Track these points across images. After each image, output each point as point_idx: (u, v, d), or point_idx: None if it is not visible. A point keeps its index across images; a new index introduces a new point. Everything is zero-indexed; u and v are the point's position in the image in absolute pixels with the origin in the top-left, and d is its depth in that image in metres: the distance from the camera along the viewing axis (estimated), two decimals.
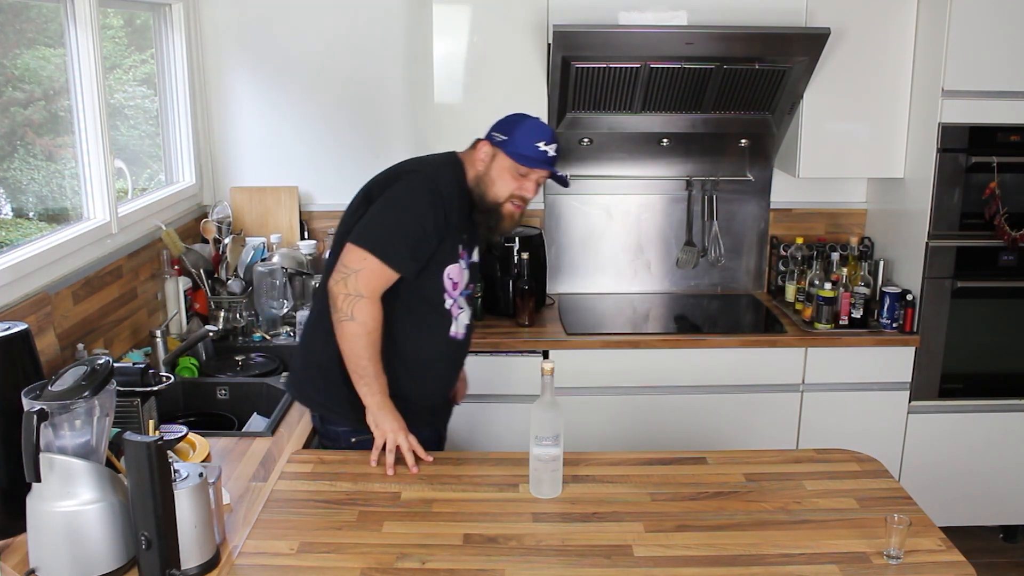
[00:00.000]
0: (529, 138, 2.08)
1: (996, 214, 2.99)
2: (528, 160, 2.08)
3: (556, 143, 2.10)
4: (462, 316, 2.19)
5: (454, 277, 2.14)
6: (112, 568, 1.53)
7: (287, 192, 3.44)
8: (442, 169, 2.14)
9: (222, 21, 3.33)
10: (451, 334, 2.18)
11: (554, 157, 2.10)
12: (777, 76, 3.04)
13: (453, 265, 2.13)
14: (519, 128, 2.10)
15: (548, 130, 2.12)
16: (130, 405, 1.95)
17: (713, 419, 3.11)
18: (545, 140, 2.09)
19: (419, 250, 2.05)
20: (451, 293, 2.15)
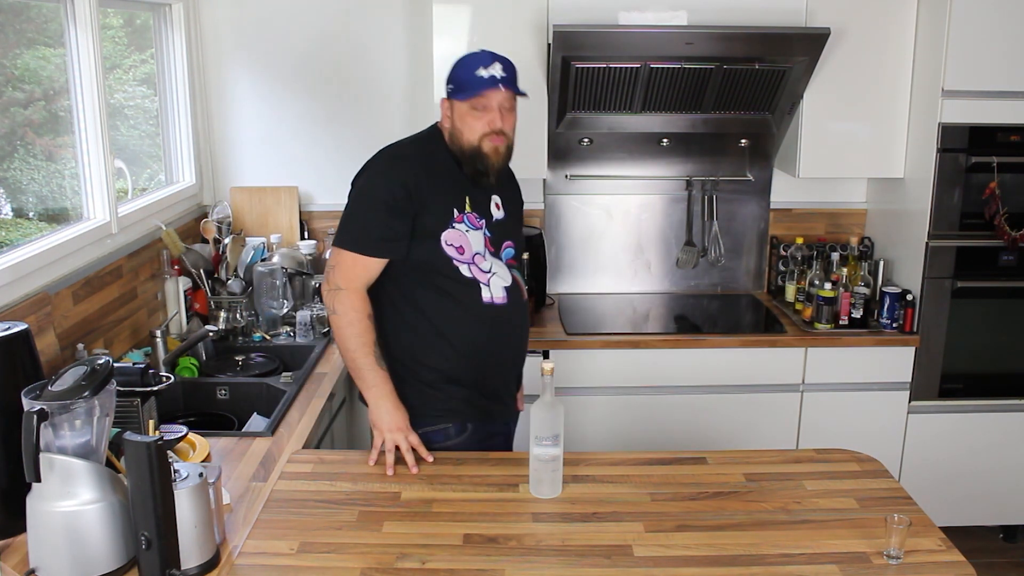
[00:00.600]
0: (466, 71, 2.02)
1: (996, 214, 2.99)
2: (472, 89, 2.00)
3: (500, 61, 2.01)
4: (496, 280, 2.10)
5: (454, 242, 2.06)
6: (112, 568, 1.53)
7: (287, 192, 3.44)
8: (408, 141, 2.16)
9: (222, 21, 3.33)
10: (485, 300, 2.09)
11: (502, 77, 2.00)
12: (777, 76, 3.04)
13: (448, 231, 2.06)
14: (455, 68, 2.06)
15: (485, 54, 2.03)
16: (130, 405, 1.95)
17: (713, 419, 3.11)
18: (483, 64, 2.01)
19: (388, 228, 2.02)
20: (461, 259, 2.07)
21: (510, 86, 2.02)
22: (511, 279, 2.15)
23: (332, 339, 2.93)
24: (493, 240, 2.13)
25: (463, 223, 2.08)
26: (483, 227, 2.11)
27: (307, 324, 2.97)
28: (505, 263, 2.15)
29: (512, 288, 2.15)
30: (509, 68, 2.02)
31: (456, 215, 2.07)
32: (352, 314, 2.03)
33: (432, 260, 2.06)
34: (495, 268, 2.12)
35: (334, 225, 3.47)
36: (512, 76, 2.03)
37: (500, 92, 2.00)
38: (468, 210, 2.09)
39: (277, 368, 2.78)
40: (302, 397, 2.47)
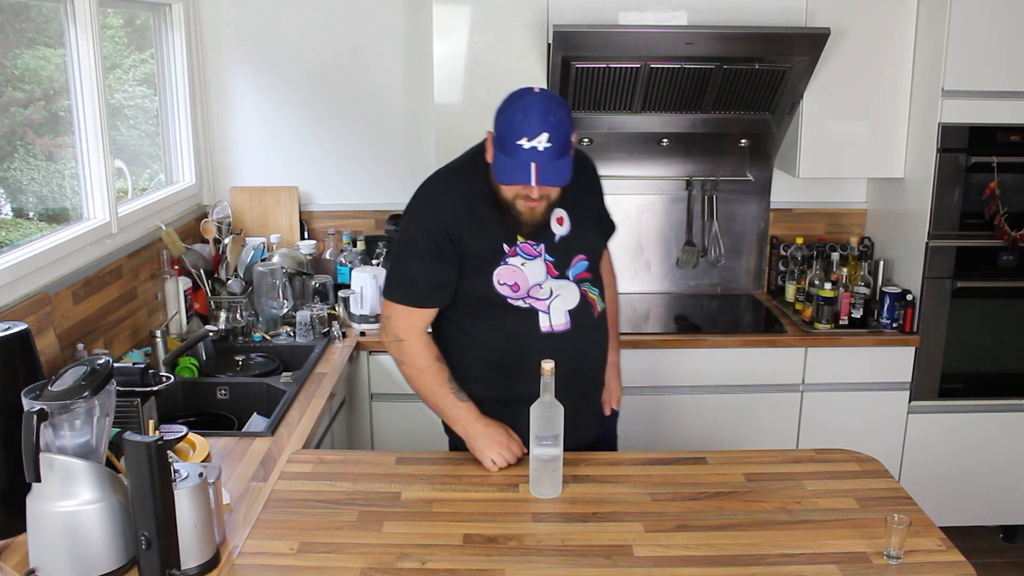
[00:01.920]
0: (511, 130, 1.77)
1: (996, 214, 2.99)
2: (504, 172, 1.79)
3: (549, 130, 1.74)
4: (557, 305, 1.95)
5: (507, 280, 1.92)
6: (112, 568, 1.53)
7: (287, 192, 3.44)
8: (452, 173, 1.99)
9: (222, 21, 3.33)
10: (543, 330, 1.95)
11: (541, 158, 1.74)
12: (777, 76, 3.04)
13: (501, 268, 1.92)
14: (503, 111, 1.81)
15: (535, 116, 1.75)
16: (130, 405, 1.94)
17: (713, 419, 3.10)
18: (529, 133, 1.74)
19: (436, 277, 1.93)
20: (515, 296, 1.93)
21: (550, 178, 1.78)
22: (578, 299, 1.98)
23: (332, 339, 2.93)
24: (557, 263, 1.96)
25: (516, 256, 1.93)
26: (542, 254, 1.95)
27: (307, 324, 2.97)
28: (574, 279, 1.98)
29: (577, 310, 1.98)
30: (557, 134, 1.75)
31: (507, 250, 1.93)
32: (420, 362, 1.97)
33: (486, 298, 1.94)
34: (558, 291, 1.96)
35: (334, 225, 3.49)
36: (556, 151, 1.76)
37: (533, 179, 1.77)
38: (521, 241, 1.93)
39: (277, 368, 2.78)
40: (302, 397, 2.47)
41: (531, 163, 1.76)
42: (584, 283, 2.01)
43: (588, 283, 2.02)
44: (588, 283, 2.02)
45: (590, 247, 2.04)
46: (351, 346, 2.93)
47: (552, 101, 1.80)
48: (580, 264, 2.00)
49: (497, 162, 1.81)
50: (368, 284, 3.04)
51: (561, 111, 1.79)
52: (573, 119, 1.84)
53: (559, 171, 1.80)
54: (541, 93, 1.82)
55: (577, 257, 2.00)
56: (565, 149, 1.79)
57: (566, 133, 1.79)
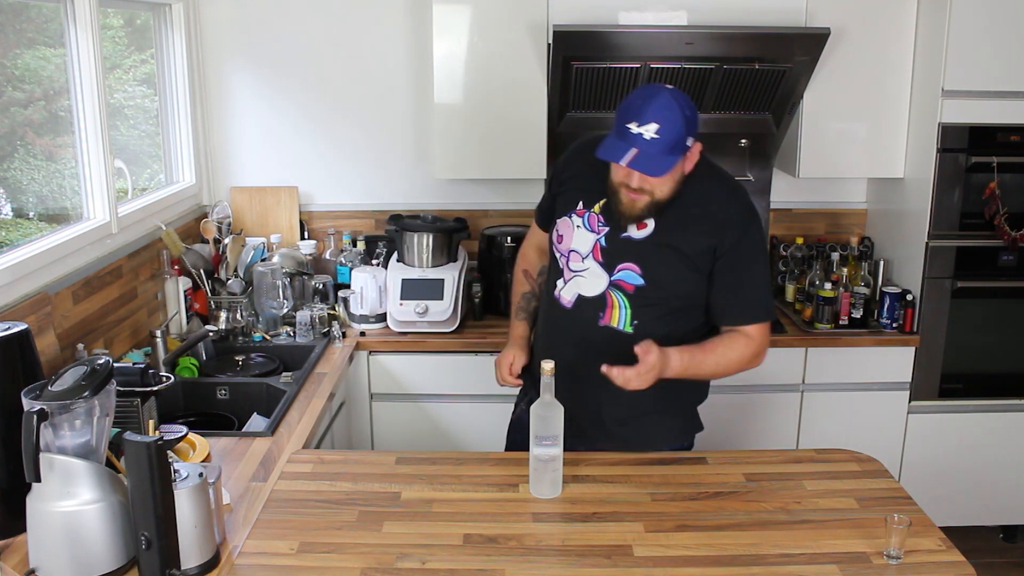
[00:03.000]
0: (624, 113, 1.81)
1: (996, 214, 2.99)
2: (607, 148, 1.81)
3: (660, 122, 1.75)
4: (577, 283, 1.99)
5: (560, 230, 2.04)
6: (112, 568, 1.53)
7: (287, 192, 3.44)
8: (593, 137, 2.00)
9: (222, 21, 3.33)
10: (554, 294, 2.06)
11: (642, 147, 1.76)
12: (777, 76, 3.04)
13: (563, 218, 2.04)
14: (622, 102, 1.85)
15: (652, 104, 1.77)
16: (130, 405, 1.95)
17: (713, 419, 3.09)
18: (639, 119, 1.77)
19: (544, 201, 2.20)
20: (559, 247, 2.05)
21: (644, 165, 1.78)
22: (598, 292, 1.97)
23: (332, 339, 2.93)
24: (607, 251, 1.96)
25: (581, 217, 2.00)
26: (601, 234, 1.97)
27: (307, 324, 2.97)
28: (613, 280, 1.96)
29: (589, 302, 1.98)
30: (668, 127, 1.76)
31: (579, 208, 2.01)
32: (516, 270, 2.32)
33: (549, 239, 2.14)
34: (589, 275, 1.98)
35: (334, 225, 3.49)
36: (663, 144, 1.77)
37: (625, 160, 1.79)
38: (596, 210, 1.98)
39: (277, 368, 2.78)
40: (302, 397, 2.47)
41: (632, 147, 1.77)
42: (617, 289, 1.96)
43: (624, 293, 1.96)
44: (624, 293, 1.96)
45: (653, 273, 1.94)
46: (351, 346, 2.93)
47: (677, 100, 1.79)
48: (626, 273, 1.95)
49: (604, 140, 1.84)
50: (368, 284, 3.04)
51: (682, 110, 1.78)
52: (698, 126, 1.83)
53: (657, 163, 1.79)
54: (672, 90, 1.82)
55: (627, 265, 1.95)
56: (673, 148, 1.79)
57: (679, 132, 1.77)
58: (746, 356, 1.99)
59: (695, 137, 1.84)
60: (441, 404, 3.04)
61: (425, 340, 2.99)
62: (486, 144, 3.12)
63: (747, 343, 1.98)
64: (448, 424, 3.06)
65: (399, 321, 3.01)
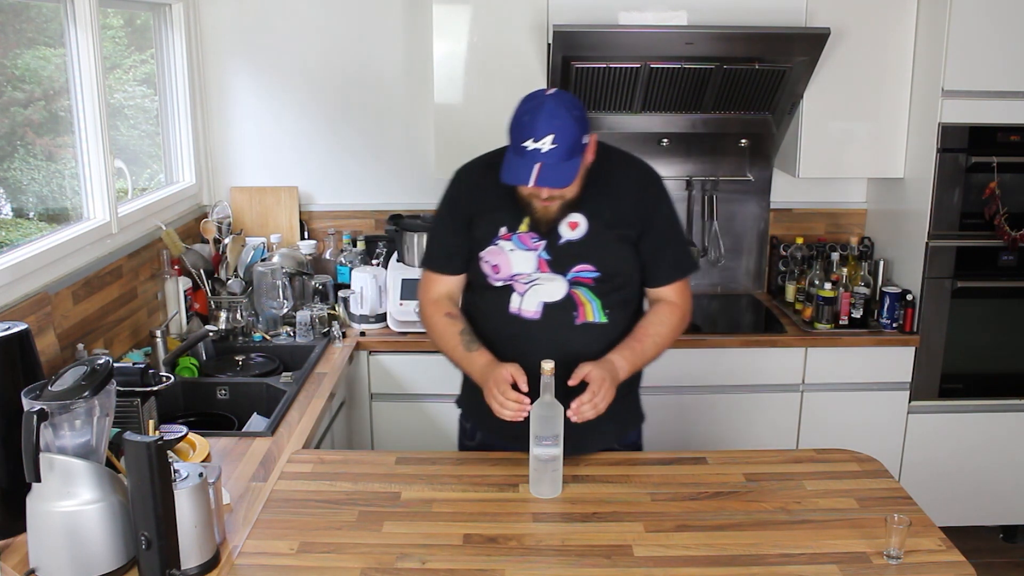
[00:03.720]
0: (516, 131, 1.80)
1: (996, 214, 2.99)
2: (507, 169, 1.80)
3: (556, 131, 1.75)
4: (536, 291, 1.94)
5: (491, 260, 1.96)
6: (112, 568, 1.53)
7: (287, 192, 3.44)
8: (490, 153, 2.02)
9: (222, 21, 3.33)
10: (511, 310, 1.96)
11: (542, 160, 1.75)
12: (777, 76, 3.04)
13: (489, 248, 1.96)
14: (517, 110, 1.82)
15: (544, 116, 1.76)
16: (130, 405, 1.95)
17: (713, 419, 3.11)
18: (535, 134, 1.75)
19: (448, 245, 2.03)
20: (496, 278, 1.96)
21: (551, 179, 1.78)
22: (561, 295, 1.94)
23: (332, 339, 2.93)
24: (554, 263, 1.94)
25: (510, 241, 1.95)
26: (539, 249, 1.93)
27: (307, 324, 2.97)
28: (569, 278, 1.94)
29: (556, 306, 1.94)
30: (563, 135, 1.76)
31: (503, 232, 1.95)
32: (427, 322, 2.06)
33: (475, 274, 2.01)
34: (546, 281, 1.94)
35: (334, 225, 3.49)
36: (562, 152, 1.76)
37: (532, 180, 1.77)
38: (523, 229, 1.94)
39: (277, 368, 2.78)
40: (302, 397, 2.47)
41: (535, 164, 1.77)
42: (579, 286, 1.95)
43: (586, 288, 1.95)
44: (586, 288, 1.95)
45: (603, 261, 1.95)
46: (351, 346, 2.93)
47: (562, 104, 1.79)
48: (584, 272, 1.95)
49: (505, 162, 1.82)
50: (368, 284, 3.04)
51: (570, 114, 1.78)
52: (588, 122, 1.84)
53: (562, 173, 1.79)
54: (554, 95, 1.81)
55: (582, 266, 1.94)
56: (572, 152, 1.79)
57: (574, 136, 1.78)
58: (676, 323, 2.03)
59: (588, 132, 1.84)
60: (441, 404, 3.04)
61: (425, 340, 2.96)
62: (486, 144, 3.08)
63: (672, 310, 2.02)
64: (448, 424, 3.04)
65: (399, 321, 3.01)
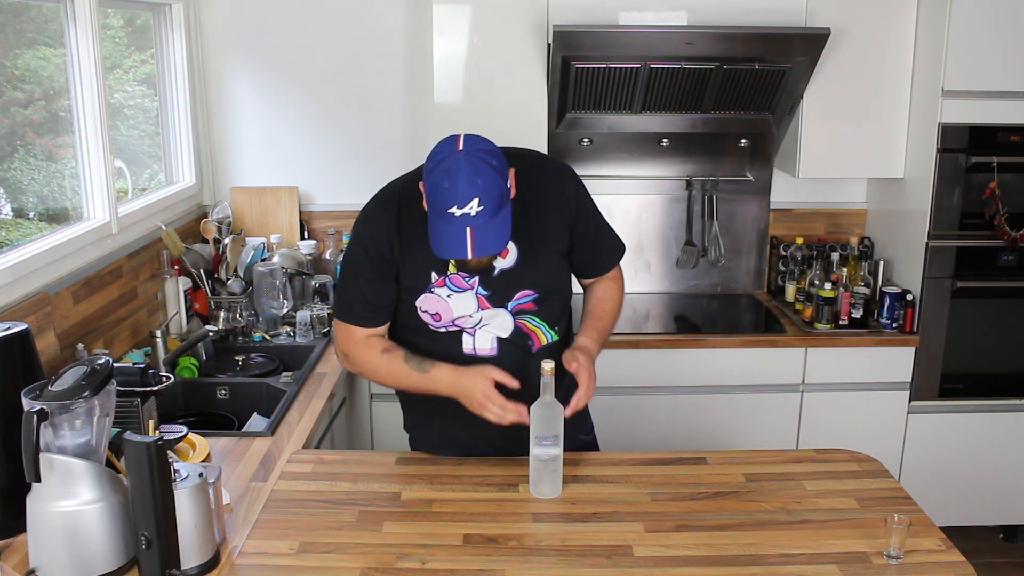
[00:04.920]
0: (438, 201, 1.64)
1: (996, 214, 2.99)
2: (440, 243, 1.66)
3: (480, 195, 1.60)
4: (485, 332, 1.88)
5: (429, 309, 1.85)
6: (112, 568, 1.53)
7: (287, 192, 3.44)
8: (400, 187, 1.89)
9: (222, 21, 3.33)
10: (466, 351, 1.89)
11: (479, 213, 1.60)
12: (777, 76, 3.04)
13: (424, 296, 1.85)
14: (427, 182, 1.67)
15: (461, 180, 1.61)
16: (130, 405, 1.95)
17: (713, 419, 3.10)
18: (458, 203, 1.61)
19: (370, 296, 1.87)
20: (437, 325, 1.87)
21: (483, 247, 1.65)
22: (510, 329, 1.88)
23: (332, 339, 2.93)
24: (493, 297, 1.86)
25: (444, 287, 1.84)
26: (474, 287, 1.85)
27: (307, 324, 2.97)
28: (512, 310, 1.88)
29: (509, 340, 1.89)
30: (488, 196, 1.62)
31: (435, 279, 1.84)
32: (372, 365, 1.92)
33: (411, 319, 1.90)
34: (487, 320, 1.87)
35: (334, 225, 3.49)
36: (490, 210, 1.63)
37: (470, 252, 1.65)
38: (452, 271, 1.84)
39: (277, 368, 2.78)
40: (302, 397, 2.47)
41: (466, 228, 1.63)
42: (523, 315, 1.89)
43: (530, 315, 1.90)
44: (530, 315, 1.90)
45: (540, 281, 1.89)
46: None
47: (478, 158, 1.64)
48: (523, 299, 1.88)
49: (432, 228, 1.68)
50: None
51: (488, 167, 1.64)
52: (506, 162, 1.70)
53: (497, 233, 1.67)
54: (465, 148, 1.65)
55: (521, 292, 1.87)
56: (500, 204, 1.66)
57: (499, 189, 1.65)
58: (621, 295, 2.07)
59: (507, 174, 1.71)
60: None
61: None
62: None
63: (614, 284, 2.07)
64: None
65: None
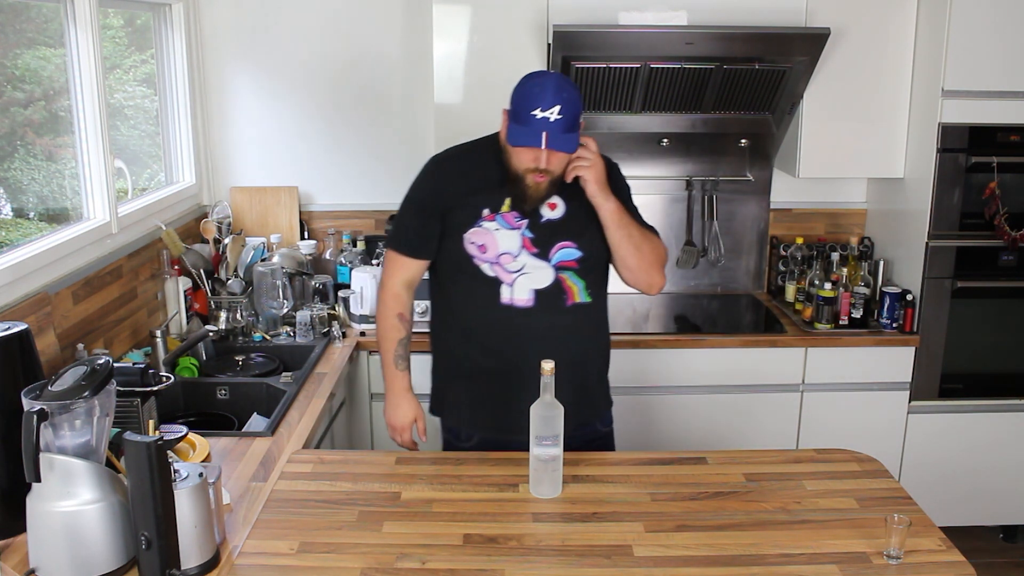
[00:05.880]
0: (524, 103, 1.91)
1: (996, 214, 2.99)
2: (519, 137, 1.91)
3: (562, 103, 1.87)
4: (523, 281, 2.04)
5: (477, 240, 2.04)
6: (112, 568, 1.53)
7: (287, 192, 3.44)
8: (459, 146, 2.19)
9: (222, 21, 3.33)
10: (503, 301, 2.05)
11: (552, 127, 1.88)
12: (777, 76, 3.04)
13: (473, 229, 2.04)
14: (519, 88, 1.96)
15: (549, 89, 1.89)
16: (130, 405, 1.95)
17: (713, 419, 3.10)
18: (542, 104, 1.88)
19: (419, 228, 2.11)
20: (482, 258, 2.04)
21: (559, 144, 1.91)
22: (550, 282, 2.06)
23: (332, 339, 2.93)
24: (537, 240, 2.05)
25: (494, 222, 2.05)
26: (522, 227, 2.05)
27: (307, 324, 2.97)
28: (555, 266, 2.06)
29: (547, 292, 2.05)
30: (568, 109, 1.89)
31: (486, 214, 2.05)
32: (382, 310, 2.18)
33: (455, 257, 2.08)
34: (529, 269, 2.05)
35: (334, 225, 3.49)
36: (566, 123, 1.90)
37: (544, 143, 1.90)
38: (505, 210, 2.05)
39: (277, 368, 2.78)
40: (302, 397, 2.47)
41: (543, 131, 1.89)
42: (565, 271, 2.07)
43: (571, 272, 2.07)
44: (571, 272, 2.07)
45: (581, 238, 2.07)
46: (351, 346, 2.93)
47: (566, 81, 1.95)
48: (566, 251, 2.06)
49: (511, 130, 1.94)
50: (368, 284, 3.04)
51: (573, 91, 1.93)
52: (582, 102, 1.96)
53: (568, 140, 1.92)
54: (556, 73, 2.01)
55: (562, 243, 2.06)
56: (573, 125, 1.92)
57: (576, 110, 1.91)
58: (659, 245, 2.16)
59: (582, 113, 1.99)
60: None
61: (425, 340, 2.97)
62: None
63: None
64: None
65: None
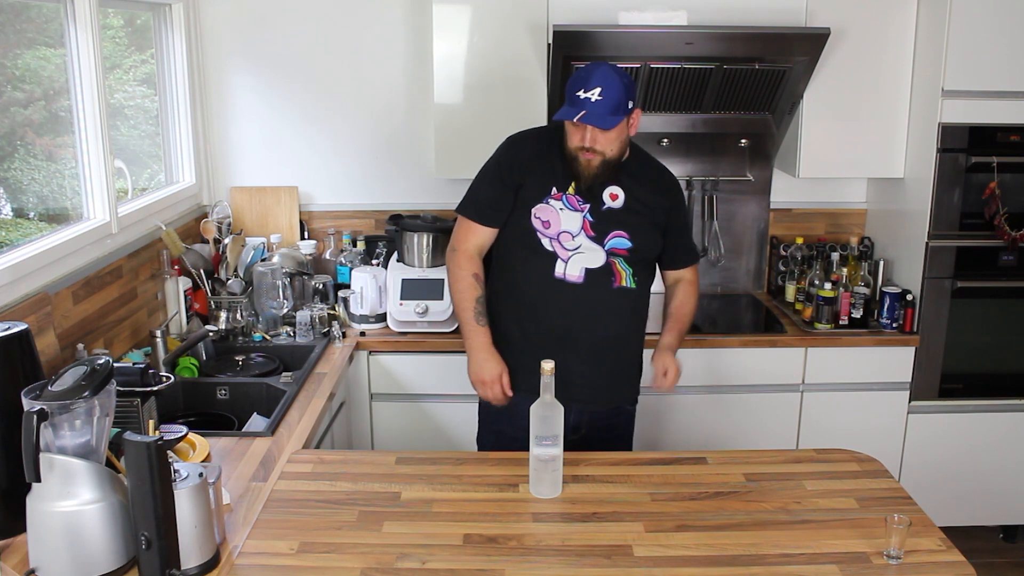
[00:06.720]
0: (572, 85, 2.12)
1: (996, 214, 2.99)
2: (564, 113, 2.12)
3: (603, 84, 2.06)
4: (578, 259, 2.22)
5: (542, 215, 2.22)
6: (112, 568, 1.53)
7: (287, 192, 3.44)
8: (535, 128, 2.42)
9: (222, 21, 3.33)
10: (556, 274, 2.23)
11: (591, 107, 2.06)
12: (777, 76, 3.04)
13: (541, 205, 2.23)
14: (574, 74, 2.15)
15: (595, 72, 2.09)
16: (130, 405, 1.95)
17: (713, 419, 3.10)
18: (585, 86, 2.08)
19: (493, 198, 2.27)
20: (545, 232, 2.22)
21: (594, 120, 2.08)
22: (601, 263, 2.23)
23: (332, 339, 2.93)
24: (596, 225, 2.23)
25: (560, 201, 2.23)
26: (585, 211, 2.23)
27: (307, 324, 2.97)
28: (607, 251, 2.24)
29: (597, 271, 2.24)
30: (610, 91, 2.07)
31: (554, 192, 2.23)
32: (457, 271, 2.31)
33: (521, 229, 2.24)
34: (584, 249, 2.23)
35: (334, 225, 3.49)
36: (607, 105, 2.07)
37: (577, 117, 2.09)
38: (571, 192, 2.23)
39: (277, 368, 2.78)
40: (302, 397, 2.47)
41: (582, 109, 2.08)
42: (617, 256, 2.25)
43: (622, 258, 2.26)
44: (622, 258, 2.26)
45: (634, 231, 2.25)
46: (351, 346, 2.93)
47: (615, 70, 2.12)
48: (618, 240, 2.25)
49: (560, 110, 2.15)
50: (368, 284, 3.04)
51: (619, 79, 2.10)
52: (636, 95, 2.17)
53: (603, 119, 2.09)
54: (610, 64, 2.15)
55: (616, 232, 2.24)
56: (618, 109, 2.09)
57: (619, 94, 2.08)
58: (697, 297, 2.49)
59: (635, 103, 2.16)
60: (441, 404, 3.04)
61: (425, 340, 2.99)
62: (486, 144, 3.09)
63: (693, 289, 2.48)
64: (448, 424, 3.06)
65: (399, 321, 3.01)
